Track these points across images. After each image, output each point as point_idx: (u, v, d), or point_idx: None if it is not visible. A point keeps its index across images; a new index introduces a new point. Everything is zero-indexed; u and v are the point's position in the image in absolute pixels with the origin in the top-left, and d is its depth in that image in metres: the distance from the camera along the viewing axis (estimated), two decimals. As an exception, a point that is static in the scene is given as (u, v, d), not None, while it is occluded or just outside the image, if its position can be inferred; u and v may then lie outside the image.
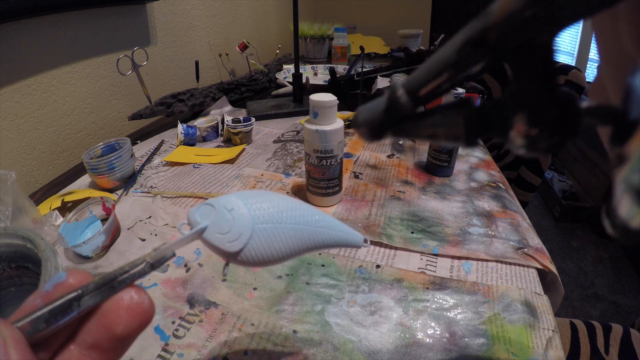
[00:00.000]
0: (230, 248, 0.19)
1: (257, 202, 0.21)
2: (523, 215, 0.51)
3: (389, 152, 0.68)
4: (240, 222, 0.20)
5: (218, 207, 0.20)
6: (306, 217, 0.22)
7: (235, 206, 0.20)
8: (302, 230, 0.21)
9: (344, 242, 0.23)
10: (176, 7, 0.96)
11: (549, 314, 0.35)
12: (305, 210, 0.22)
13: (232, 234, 0.19)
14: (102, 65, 0.77)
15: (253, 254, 0.20)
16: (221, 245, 0.19)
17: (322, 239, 0.22)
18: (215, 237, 0.19)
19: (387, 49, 1.56)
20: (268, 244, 0.20)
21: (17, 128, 0.63)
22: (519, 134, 0.13)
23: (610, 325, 0.63)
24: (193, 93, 0.84)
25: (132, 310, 0.15)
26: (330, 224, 0.23)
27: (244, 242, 0.20)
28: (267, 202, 0.21)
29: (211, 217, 0.20)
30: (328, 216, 0.23)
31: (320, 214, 0.23)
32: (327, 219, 0.23)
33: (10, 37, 0.59)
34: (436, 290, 0.38)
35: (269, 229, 0.20)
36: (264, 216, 0.20)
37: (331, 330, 0.34)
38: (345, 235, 0.23)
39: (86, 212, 0.48)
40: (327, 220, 0.23)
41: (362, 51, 0.90)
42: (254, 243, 0.20)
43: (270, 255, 0.20)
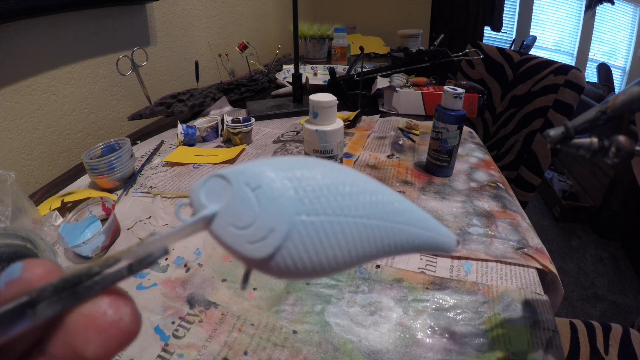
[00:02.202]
0: (252, 252, 0.13)
1: (302, 176, 0.14)
2: (523, 215, 0.51)
3: (389, 152, 0.68)
4: (271, 210, 0.13)
5: (236, 183, 0.13)
6: (382, 207, 0.15)
7: (264, 182, 0.13)
8: (374, 228, 0.14)
9: (432, 245, 0.16)
10: (176, 7, 0.96)
11: (549, 314, 0.35)
12: (382, 195, 0.15)
13: (257, 230, 0.13)
14: (102, 65, 0.77)
15: (289, 262, 0.13)
16: (237, 247, 0.13)
17: (402, 241, 0.15)
18: (228, 233, 0.13)
19: (387, 49, 1.56)
20: (316, 248, 0.13)
21: (17, 128, 0.63)
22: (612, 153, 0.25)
23: (610, 325, 0.63)
24: (193, 93, 0.84)
25: (105, 331, 0.11)
26: (415, 217, 0.16)
27: (276, 244, 0.13)
28: (319, 176, 0.14)
29: (224, 198, 0.13)
30: (412, 205, 0.16)
31: (402, 200, 0.16)
32: (411, 210, 0.16)
33: (10, 37, 0.59)
34: (436, 291, 0.38)
35: (320, 224, 0.13)
36: (313, 202, 0.13)
37: (331, 331, 0.34)
38: (434, 236, 0.16)
39: (86, 212, 0.48)
40: (411, 212, 0.16)
41: (361, 51, 0.90)
42: (293, 246, 0.13)
43: (318, 265, 0.13)
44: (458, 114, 0.54)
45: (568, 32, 2.73)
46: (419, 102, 0.87)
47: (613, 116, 0.26)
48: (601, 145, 0.26)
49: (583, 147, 0.27)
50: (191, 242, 0.44)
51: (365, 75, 0.96)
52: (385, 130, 0.79)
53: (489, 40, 2.48)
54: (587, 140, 0.27)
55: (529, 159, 1.00)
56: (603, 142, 0.26)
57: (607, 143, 0.26)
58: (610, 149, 0.26)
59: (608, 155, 0.26)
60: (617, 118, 0.26)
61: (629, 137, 0.25)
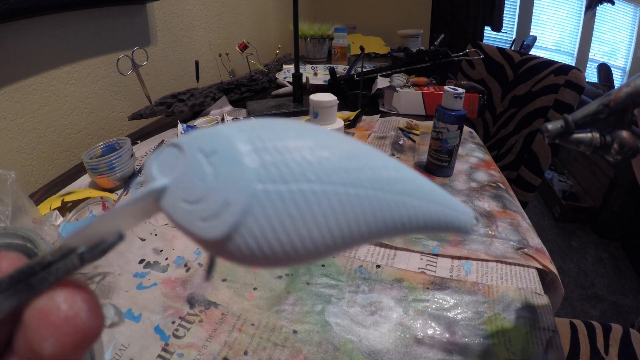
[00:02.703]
0: (205, 232, 0.10)
1: (268, 136, 0.11)
2: (523, 215, 0.51)
3: (389, 152, 0.68)
4: (226, 180, 0.10)
5: (189, 150, 0.11)
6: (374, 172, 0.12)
7: (220, 146, 0.11)
8: (363, 199, 0.11)
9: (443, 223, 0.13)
10: (176, 7, 0.96)
11: (549, 314, 0.35)
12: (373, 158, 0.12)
13: (210, 204, 0.10)
14: (102, 65, 0.77)
15: (253, 245, 0.10)
16: (188, 225, 0.11)
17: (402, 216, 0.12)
18: (178, 209, 0.11)
19: (387, 49, 1.56)
20: (286, 226, 0.11)
21: (17, 128, 0.63)
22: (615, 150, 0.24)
23: (610, 325, 0.63)
24: (193, 93, 0.84)
25: (59, 328, 0.10)
26: (419, 187, 0.13)
27: (232, 221, 0.10)
28: (289, 135, 0.11)
29: (176, 170, 0.11)
30: (413, 172, 0.13)
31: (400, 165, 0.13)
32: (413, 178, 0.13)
33: (10, 37, 0.59)
34: (436, 290, 0.38)
35: (289, 195, 0.11)
36: (280, 166, 0.11)
37: (331, 330, 0.34)
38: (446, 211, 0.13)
39: (86, 212, 0.48)
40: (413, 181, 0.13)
41: (362, 51, 0.90)
42: (255, 223, 0.10)
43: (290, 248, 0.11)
44: (458, 114, 0.54)
45: (568, 32, 2.73)
46: (419, 102, 0.87)
47: (616, 110, 0.24)
48: (603, 141, 0.24)
49: (583, 142, 0.25)
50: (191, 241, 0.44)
51: (366, 75, 0.96)
52: (386, 130, 0.79)
53: (489, 40, 2.48)
54: (588, 135, 0.25)
55: (529, 159, 1.00)
56: (605, 137, 0.24)
57: (609, 139, 0.24)
58: (613, 145, 0.24)
59: (610, 152, 0.24)
60: (621, 112, 0.24)
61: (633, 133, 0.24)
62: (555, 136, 0.25)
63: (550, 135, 0.25)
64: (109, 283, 0.39)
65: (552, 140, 0.25)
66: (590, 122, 0.25)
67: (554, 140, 0.26)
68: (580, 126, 0.25)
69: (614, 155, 0.24)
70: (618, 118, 0.24)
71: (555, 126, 0.25)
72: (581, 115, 0.25)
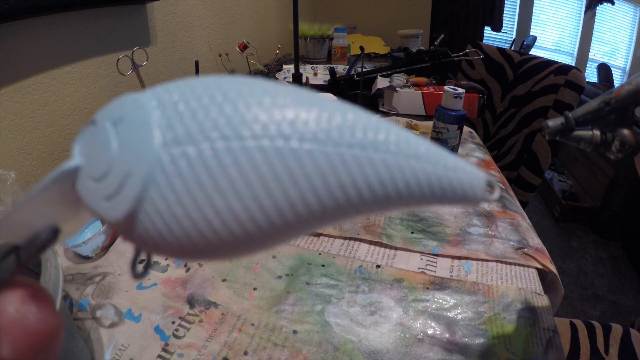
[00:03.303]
0: (108, 212, 0.09)
1: (181, 92, 0.09)
2: (523, 215, 0.51)
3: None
4: (129, 148, 0.09)
5: (100, 121, 0.10)
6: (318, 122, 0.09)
7: (126, 111, 0.09)
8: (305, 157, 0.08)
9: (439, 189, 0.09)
10: (176, 7, 0.96)
11: (549, 314, 0.35)
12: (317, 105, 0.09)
13: (113, 179, 0.09)
14: (102, 65, 0.77)
15: (160, 225, 0.09)
16: (94, 205, 0.09)
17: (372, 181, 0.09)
18: (87, 189, 0.09)
19: (387, 49, 1.56)
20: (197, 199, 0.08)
21: (17, 128, 0.63)
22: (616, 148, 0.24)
23: (610, 325, 0.63)
24: (193, 93, 0.84)
25: (9, 332, 0.09)
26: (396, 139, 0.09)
27: (133, 196, 0.08)
28: (205, 86, 0.09)
29: (91, 146, 0.10)
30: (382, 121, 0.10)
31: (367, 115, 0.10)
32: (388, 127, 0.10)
33: (10, 37, 0.59)
34: (436, 290, 0.38)
35: (199, 157, 0.08)
36: (188, 123, 0.09)
37: (331, 330, 0.34)
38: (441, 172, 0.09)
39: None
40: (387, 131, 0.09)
41: (362, 51, 0.90)
42: (160, 197, 0.08)
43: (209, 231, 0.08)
44: (458, 114, 0.54)
45: (568, 32, 2.73)
46: (419, 102, 0.87)
47: (617, 108, 0.24)
48: (603, 138, 0.24)
49: (584, 139, 0.25)
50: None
51: (366, 75, 0.96)
52: (386, 130, 0.78)
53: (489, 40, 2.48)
54: (589, 133, 0.25)
55: (529, 159, 1.00)
56: (606, 135, 0.24)
57: (610, 136, 0.24)
58: (614, 142, 0.24)
59: (611, 150, 0.24)
60: (622, 110, 0.24)
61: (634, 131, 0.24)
62: (556, 133, 0.25)
63: (551, 132, 0.25)
64: (109, 283, 0.39)
65: (553, 137, 0.25)
66: (591, 119, 0.25)
67: (555, 137, 0.25)
68: (581, 124, 0.25)
69: (615, 152, 0.24)
70: (619, 116, 0.24)
71: (556, 123, 0.25)
72: (582, 112, 0.25)
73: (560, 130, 0.25)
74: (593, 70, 2.67)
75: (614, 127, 0.24)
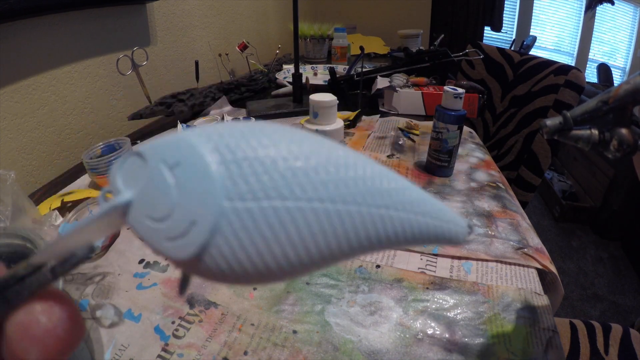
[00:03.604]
0: (174, 252, 0.10)
1: (238, 144, 0.10)
2: (523, 215, 0.51)
3: (389, 152, 0.68)
4: (192, 195, 0.10)
5: (151, 160, 0.10)
6: (357, 185, 0.11)
7: (184, 156, 0.10)
8: (343, 215, 0.10)
9: (433, 236, 0.12)
10: (176, 7, 0.96)
11: (548, 314, 0.35)
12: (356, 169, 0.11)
13: (176, 223, 0.10)
14: (102, 65, 0.77)
15: (223, 265, 0.10)
16: (156, 244, 0.10)
17: (388, 232, 0.11)
18: (144, 227, 0.10)
19: (387, 49, 1.56)
20: (258, 246, 0.10)
21: (17, 128, 0.63)
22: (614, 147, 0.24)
23: (610, 325, 0.63)
24: (193, 93, 0.84)
25: (41, 341, 0.10)
26: (408, 198, 0.12)
27: (200, 242, 0.10)
28: (262, 143, 0.10)
29: (140, 182, 0.10)
30: (402, 180, 0.12)
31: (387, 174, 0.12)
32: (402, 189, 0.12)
33: (10, 37, 0.59)
34: (436, 290, 0.38)
35: (261, 212, 0.10)
36: (250, 180, 0.10)
37: (331, 330, 0.34)
38: (437, 224, 0.12)
39: (86, 212, 0.48)
40: (402, 192, 0.12)
41: (362, 51, 0.90)
42: (225, 243, 0.10)
43: (264, 268, 0.10)
44: (458, 114, 0.54)
45: (568, 32, 2.73)
46: (419, 102, 0.87)
47: (615, 107, 0.24)
48: (602, 137, 0.24)
49: (582, 139, 0.25)
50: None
51: (366, 75, 0.96)
52: (386, 130, 0.79)
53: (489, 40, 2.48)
54: (587, 132, 0.25)
55: (529, 159, 1.00)
56: (604, 134, 0.24)
57: (608, 136, 0.24)
58: (612, 142, 0.24)
59: (609, 149, 0.24)
60: (620, 109, 0.24)
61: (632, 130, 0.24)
62: (554, 132, 0.25)
63: (549, 131, 0.25)
64: (108, 283, 0.39)
65: (551, 136, 0.25)
66: (589, 119, 0.25)
67: (553, 136, 0.25)
68: (579, 123, 0.25)
69: (613, 152, 0.24)
70: (618, 115, 0.24)
71: (554, 122, 0.25)
72: (580, 112, 0.25)
73: (559, 130, 0.25)
74: (593, 71, 2.67)
75: (612, 126, 0.24)
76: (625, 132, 0.24)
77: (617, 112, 0.24)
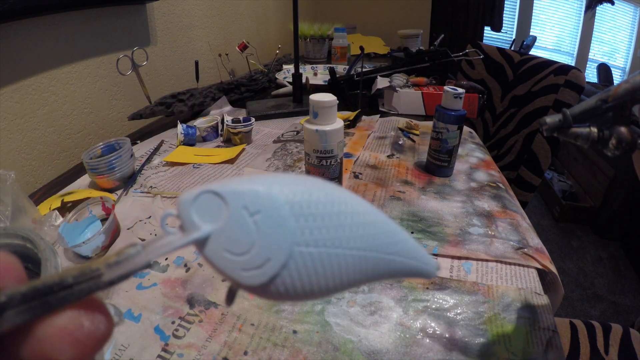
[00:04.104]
0: (247, 280, 0.13)
1: (303, 202, 0.13)
2: (523, 215, 0.51)
3: (389, 152, 0.68)
4: (269, 239, 0.13)
5: (233, 204, 0.13)
6: (376, 239, 0.15)
7: (264, 207, 0.13)
8: (367, 260, 0.15)
9: (414, 273, 0.16)
10: (176, 7, 0.96)
11: (548, 314, 0.35)
12: (377, 227, 0.15)
13: (253, 258, 0.13)
14: (102, 65, 0.77)
15: (282, 291, 0.13)
16: (231, 273, 0.13)
17: (389, 270, 0.15)
18: (222, 258, 0.13)
19: (387, 49, 1.56)
20: (311, 278, 0.13)
21: (17, 128, 0.63)
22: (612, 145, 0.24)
23: (610, 325, 0.63)
24: (193, 93, 0.84)
25: (82, 342, 0.11)
26: (406, 247, 0.16)
27: (272, 274, 0.13)
28: (320, 203, 0.14)
29: (219, 220, 0.13)
30: (404, 234, 0.16)
31: (395, 230, 0.16)
32: (403, 241, 0.16)
33: (10, 37, 0.59)
34: (436, 291, 0.38)
35: (318, 255, 0.13)
36: (314, 232, 0.13)
37: (331, 330, 0.34)
38: (419, 265, 0.16)
39: (86, 212, 0.48)
40: (403, 243, 0.16)
41: (362, 51, 0.90)
42: (288, 275, 0.13)
43: (309, 292, 0.14)
44: (458, 114, 0.54)
45: (568, 32, 2.73)
46: (419, 102, 0.87)
47: (614, 106, 0.24)
48: (601, 135, 0.25)
49: (581, 136, 0.25)
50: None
51: (365, 75, 0.96)
52: (386, 130, 0.79)
53: (489, 40, 2.48)
54: (586, 130, 0.25)
55: (529, 159, 1.00)
56: (603, 132, 0.25)
57: (607, 134, 0.24)
58: (611, 140, 0.24)
59: (608, 147, 0.24)
60: (619, 108, 0.24)
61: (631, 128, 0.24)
62: (553, 129, 0.25)
63: (548, 129, 0.25)
64: (108, 283, 0.39)
65: (550, 134, 0.26)
66: (589, 117, 0.25)
67: (552, 134, 0.26)
68: (579, 121, 0.25)
69: (612, 150, 0.24)
70: (617, 114, 0.24)
71: (553, 120, 0.25)
72: (579, 110, 0.25)
73: (558, 127, 0.25)
74: (593, 70, 2.67)
75: (612, 124, 0.24)
76: (624, 130, 0.24)
77: (616, 110, 0.24)
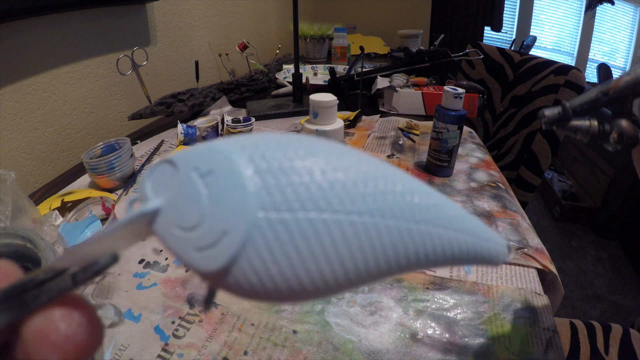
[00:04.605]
0: (201, 263, 0.09)
1: (273, 155, 0.10)
2: (523, 215, 0.51)
3: (389, 152, 0.68)
4: (224, 205, 0.09)
5: (183, 168, 0.10)
6: (395, 199, 0.10)
7: (217, 165, 0.10)
8: (381, 230, 0.10)
9: (472, 255, 0.12)
10: (176, 7, 0.96)
11: (548, 314, 0.35)
12: (394, 182, 0.11)
13: (205, 232, 0.09)
14: (102, 65, 0.77)
15: (253, 280, 0.09)
16: (183, 254, 0.10)
17: (427, 249, 0.11)
18: (172, 235, 0.10)
19: (387, 49, 1.56)
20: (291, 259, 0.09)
21: (17, 128, 0.63)
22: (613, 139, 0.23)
23: (610, 325, 0.63)
24: (193, 93, 0.84)
25: (60, 347, 0.10)
26: (447, 214, 0.11)
27: (230, 253, 0.09)
28: (298, 154, 0.10)
29: (170, 190, 0.10)
30: (440, 196, 0.12)
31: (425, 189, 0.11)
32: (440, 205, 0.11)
33: (10, 37, 0.59)
34: (436, 290, 0.38)
35: (296, 224, 0.09)
36: (285, 191, 0.09)
37: (331, 330, 0.34)
38: (476, 242, 0.12)
39: (86, 212, 0.48)
40: (440, 208, 0.11)
41: (362, 51, 0.90)
42: (256, 256, 0.09)
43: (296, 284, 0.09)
44: (458, 114, 0.54)
45: (568, 32, 2.73)
46: (419, 102, 0.87)
47: (615, 98, 0.23)
48: (601, 129, 0.24)
49: (581, 129, 0.24)
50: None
51: (366, 75, 0.96)
52: (386, 130, 0.79)
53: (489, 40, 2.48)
54: (586, 123, 0.24)
55: (529, 159, 1.00)
56: (603, 125, 0.24)
57: (607, 127, 0.24)
58: (611, 134, 0.23)
59: (609, 141, 0.23)
60: (620, 101, 0.23)
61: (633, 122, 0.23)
62: (552, 122, 0.25)
63: (547, 121, 0.25)
64: (108, 283, 0.39)
65: (549, 127, 0.25)
66: (589, 109, 0.24)
67: (551, 127, 0.25)
68: (578, 114, 0.25)
69: (613, 144, 0.23)
70: (618, 107, 0.23)
71: (553, 112, 0.25)
72: (579, 102, 0.25)
73: (557, 120, 0.25)
74: (593, 70, 2.67)
75: (612, 118, 0.24)
76: (626, 123, 0.23)
77: (617, 103, 0.23)
